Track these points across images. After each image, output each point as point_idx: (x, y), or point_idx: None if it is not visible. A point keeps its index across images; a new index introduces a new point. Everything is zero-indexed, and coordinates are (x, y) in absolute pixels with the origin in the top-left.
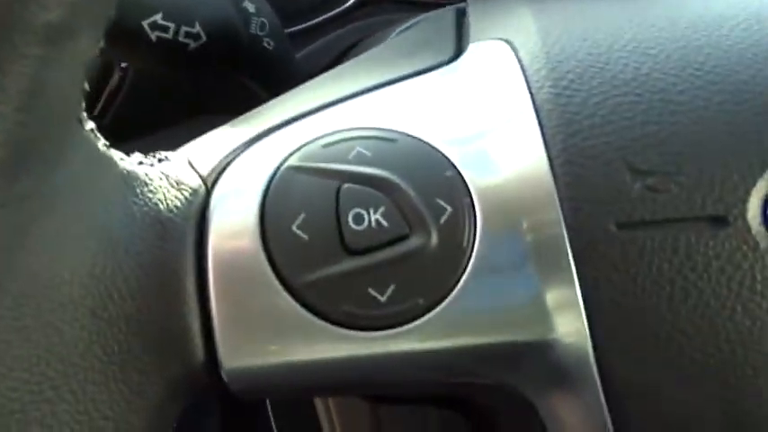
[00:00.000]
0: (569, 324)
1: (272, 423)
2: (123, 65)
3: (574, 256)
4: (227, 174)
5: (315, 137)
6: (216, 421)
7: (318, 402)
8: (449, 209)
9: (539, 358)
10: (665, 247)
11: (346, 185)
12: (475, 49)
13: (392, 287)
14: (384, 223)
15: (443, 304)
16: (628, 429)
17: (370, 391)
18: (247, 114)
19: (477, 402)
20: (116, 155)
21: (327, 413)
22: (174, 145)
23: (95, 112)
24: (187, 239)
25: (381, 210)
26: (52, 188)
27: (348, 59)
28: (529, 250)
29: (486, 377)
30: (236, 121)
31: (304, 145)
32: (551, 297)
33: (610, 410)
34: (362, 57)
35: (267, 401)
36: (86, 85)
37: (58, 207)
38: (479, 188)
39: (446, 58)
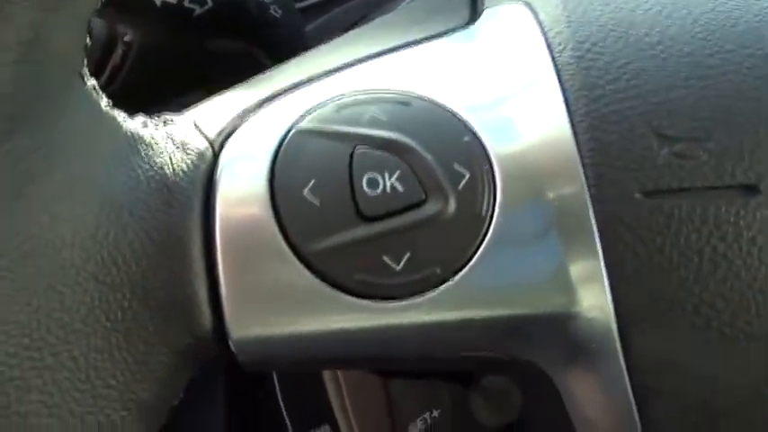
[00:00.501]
0: (592, 296)
1: (279, 395)
2: (127, 39)
3: (598, 226)
4: (235, 137)
5: (327, 100)
6: (220, 392)
7: (327, 377)
8: (467, 174)
9: (560, 332)
10: (693, 217)
11: (360, 149)
12: (493, 12)
13: (407, 255)
14: (399, 188)
15: (461, 274)
16: (651, 406)
17: (382, 364)
18: (256, 78)
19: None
20: (119, 115)
21: (337, 387)
22: None
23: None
24: (193, 204)
25: (397, 174)
26: (50, 146)
27: None
28: (550, 219)
29: (504, 351)
30: (244, 84)
31: (315, 108)
32: (574, 268)
33: (632, 386)
34: (374, 22)
35: (274, 374)
36: (88, 40)
37: (57, 166)
38: (499, 154)
39: (462, 22)
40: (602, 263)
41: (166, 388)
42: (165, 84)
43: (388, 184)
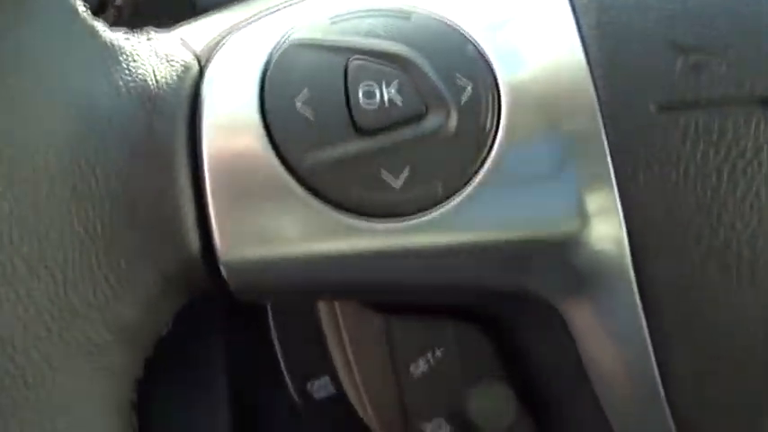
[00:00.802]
0: (603, 218)
1: (277, 348)
2: (117, 3)
3: (609, 142)
4: (223, 50)
5: (321, 13)
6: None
7: (326, 320)
8: (469, 87)
9: (567, 258)
10: (710, 132)
11: (356, 60)
12: None
13: (407, 170)
14: (398, 101)
15: (464, 193)
16: (665, 334)
17: (381, 294)
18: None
19: (494, 314)
20: (99, 24)
21: (335, 325)
22: None
23: None
24: (178, 117)
25: (395, 86)
26: (20, 40)
27: None
28: (558, 135)
29: (508, 280)
30: (232, 6)
31: (308, 20)
32: (583, 188)
33: (646, 314)
34: None
35: (272, 326)
36: None
37: (28, 63)
38: (503, 67)
39: None
40: (615, 182)
41: (152, 311)
42: None
43: (386, 96)
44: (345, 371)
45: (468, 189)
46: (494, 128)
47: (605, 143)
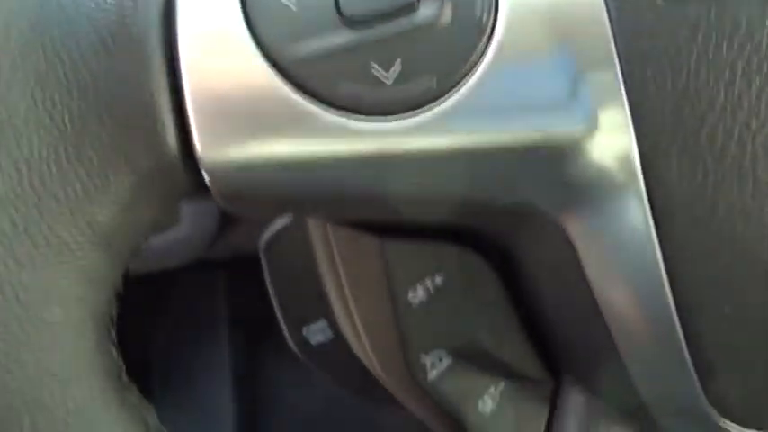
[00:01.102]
0: (610, 122)
1: (272, 293)
2: None
3: (615, 37)
4: None
5: None
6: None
7: (318, 242)
8: None
9: (571, 165)
10: (722, 25)
11: None
12: None
13: (399, 64)
14: None
15: (460, 90)
16: (676, 245)
17: (373, 208)
18: None
19: (496, 237)
20: None
21: (329, 255)
22: None
23: None
24: (152, 6)
25: None
26: None
27: None
28: (560, 30)
29: (507, 191)
30: None
31: None
32: (588, 87)
33: (656, 224)
34: None
35: (266, 273)
36: None
37: None
38: None
39: None
40: (621, 80)
41: (127, 214)
42: None
43: None
44: (342, 308)
45: (464, 86)
46: (491, 22)
47: (612, 41)
